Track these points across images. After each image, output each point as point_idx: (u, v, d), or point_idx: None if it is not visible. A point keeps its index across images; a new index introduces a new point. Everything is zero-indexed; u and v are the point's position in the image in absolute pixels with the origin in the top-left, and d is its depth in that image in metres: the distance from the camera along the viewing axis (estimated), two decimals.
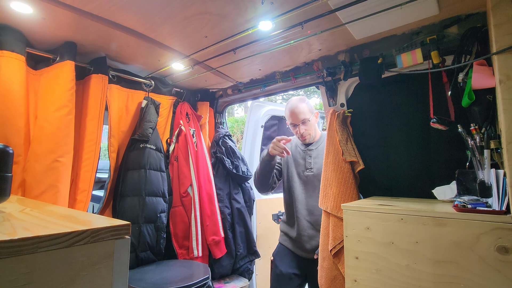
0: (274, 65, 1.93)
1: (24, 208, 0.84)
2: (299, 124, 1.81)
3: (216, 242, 2.09)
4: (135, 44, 1.59)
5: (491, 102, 1.07)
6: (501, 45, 0.92)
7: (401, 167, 1.55)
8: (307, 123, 1.81)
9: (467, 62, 1.17)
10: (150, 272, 1.69)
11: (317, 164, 1.81)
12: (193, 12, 1.28)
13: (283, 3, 1.21)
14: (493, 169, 1.02)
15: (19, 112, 1.40)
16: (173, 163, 2.15)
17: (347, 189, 1.54)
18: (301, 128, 1.81)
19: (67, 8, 1.24)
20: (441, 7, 1.22)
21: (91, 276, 0.56)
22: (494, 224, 0.91)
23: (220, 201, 2.23)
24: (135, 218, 1.81)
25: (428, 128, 1.34)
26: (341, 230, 1.46)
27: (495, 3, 0.94)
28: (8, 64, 1.37)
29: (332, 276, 1.54)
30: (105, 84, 1.73)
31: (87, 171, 1.64)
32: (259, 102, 2.81)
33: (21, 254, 0.48)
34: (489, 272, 0.91)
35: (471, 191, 1.15)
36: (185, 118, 2.23)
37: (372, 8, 1.21)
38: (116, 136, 1.88)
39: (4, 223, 0.61)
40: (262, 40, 1.52)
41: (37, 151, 1.44)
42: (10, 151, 0.74)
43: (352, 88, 1.74)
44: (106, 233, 0.59)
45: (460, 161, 1.25)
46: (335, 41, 1.57)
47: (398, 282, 1.08)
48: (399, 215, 1.10)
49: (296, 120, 1.81)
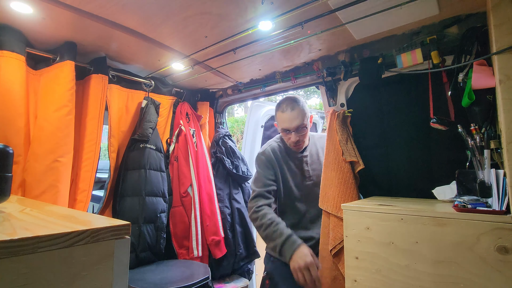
0: (274, 65, 1.93)
1: (24, 208, 0.84)
2: (293, 131, 1.53)
3: (216, 242, 2.09)
4: (135, 44, 1.59)
5: (491, 102, 1.07)
6: (501, 45, 0.92)
7: (401, 167, 1.55)
8: (302, 130, 1.54)
9: (467, 62, 1.17)
10: (150, 272, 1.69)
11: (315, 171, 1.66)
12: (193, 12, 1.28)
13: (283, 3, 1.21)
14: (493, 169, 1.02)
15: (19, 112, 1.40)
16: (173, 163, 2.15)
17: (347, 189, 1.54)
18: (294, 136, 1.53)
19: (67, 8, 1.24)
20: (441, 7, 1.22)
21: (91, 276, 0.56)
22: (494, 224, 0.91)
23: (220, 201, 2.23)
24: (135, 218, 1.80)
25: (428, 128, 1.34)
26: (341, 230, 1.46)
27: (495, 3, 0.94)
28: (8, 64, 1.37)
29: (332, 276, 1.54)
30: (105, 84, 1.73)
31: (87, 171, 1.64)
32: (259, 102, 2.81)
33: (21, 254, 0.48)
34: (489, 272, 0.91)
35: (471, 191, 1.15)
36: (185, 118, 2.23)
37: (372, 8, 1.21)
38: (116, 136, 1.88)
39: (4, 223, 0.61)
40: (262, 40, 1.52)
41: (37, 151, 1.44)
42: (10, 151, 0.74)
43: (352, 88, 1.74)
44: (106, 233, 0.59)
45: (460, 161, 1.25)
46: (335, 41, 1.57)
47: (398, 282, 1.08)
48: (399, 215, 1.10)
49: (290, 126, 1.52)
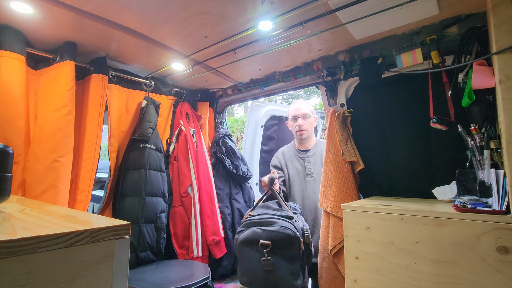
0: (274, 65, 1.93)
1: (24, 208, 0.84)
2: (299, 117, 1.92)
3: (216, 242, 2.09)
4: (135, 44, 1.59)
5: (491, 102, 1.07)
6: (501, 45, 0.92)
7: (401, 167, 1.55)
8: (307, 118, 1.94)
9: (467, 62, 1.17)
10: (150, 272, 1.69)
11: (317, 169, 1.87)
12: (193, 12, 1.28)
13: (283, 3, 1.21)
14: (493, 169, 1.02)
15: (19, 112, 1.40)
16: (173, 163, 2.15)
17: (347, 189, 1.55)
18: (300, 121, 1.92)
19: (67, 8, 1.25)
20: (441, 7, 1.22)
21: (91, 276, 0.56)
22: (494, 224, 0.91)
23: (220, 201, 2.23)
24: (135, 218, 1.80)
25: (428, 128, 1.34)
26: (341, 230, 1.46)
27: (495, 3, 0.94)
28: (8, 64, 1.37)
29: (332, 276, 1.54)
30: (105, 84, 1.73)
31: (87, 171, 1.64)
32: (259, 102, 2.81)
33: (21, 254, 0.48)
34: (489, 272, 0.91)
35: (471, 191, 1.15)
36: (185, 118, 2.23)
37: (372, 8, 1.21)
38: (116, 136, 1.88)
39: (4, 223, 0.61)
40: (262, 40, 1.52)
41: (37, 151, 1.43)
42: (10, 151, 0.74)
43: (352, 88, 1.74)
44: (106, 233, 0.59)
45: (460, 161, 1.25)
46: (335, 41, 1.57)
47: (398, 282, 1.08)
48: (399, 215, 1.10)
49: (298, 112, 1.93)
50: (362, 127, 1.68)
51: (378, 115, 1.63)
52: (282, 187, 1.92)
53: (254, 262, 1.41)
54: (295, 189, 1.89)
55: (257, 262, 1.39)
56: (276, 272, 1.38)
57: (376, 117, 1.64)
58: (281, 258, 1.38)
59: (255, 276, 1.43)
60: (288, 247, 1.38)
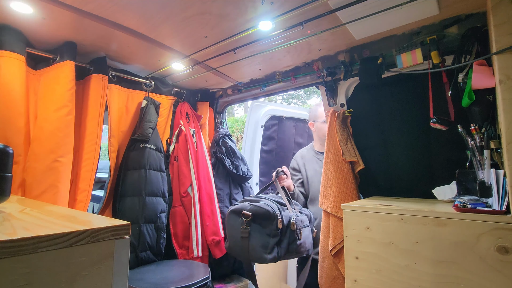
0: (274, 65, 1.93)
1: (24, 208, 0.84)
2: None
3: (216, 242, 2.09)
4: (135, 44, 1.59)
5: (491, 102, 1.07)
6: (501, 45, 0.92)
7: (401, 167, 1.55)
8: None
9: (467, 62, 1.17)
10: (150, 272, 1.69)
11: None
12: (193, 12, 1.28)
13: (283, 3, 1.21)
14: (493, 169, 1.02)
15: (19, 112, 1.40)
16: (173, 163, 2.15)
17: (347, 189, 1.55)
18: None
19: (67, 8, 1.24)
20: (441, 7, 1.22)
21: (91, 276, 0.56)
22: (494, 224, 0.91)
23: (220, 201, 2.23)
24: (135, 218, 1.81)
25: (428, 128, 1.34)
26: (341, 230, 1.46)
27: (495, 3, 0.94)
28: (8, 64, 1.37)
29: (332, 276, 1.54)
30: (105, 84, 1.73)
31: (87, 171, 1.64)
32: (259, 102, 2.81)
33: (21, 254, 0.48)
34: (489, 272, 0.91)
35: (471, 191, 1.15)
36: (185, 118, 2.23)
37: (372, 8, 1.21)
38: (116, 136, 1.88)
39: (4, 223, 0.61)
40: (262, 40, 1.52)
41: (37, 151, 1.43)
42: (10, 151, 0.74)
43: (352, 88, 1.74)
44: (106, 233, 0.59)
45: (460, 161, 1.25)
46: (335, 41, 1.57)
47: (398, 282, 1.08)
48: (399, 215, 1.10)
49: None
50: (362, 127, 1.68)
51: (378, 115, 1.63)
52: (299, 188, 2.01)
53: (235, 228, 1.65)
54: (314, 190, 1.93)
55: (238, 228, 1.62)
56: (251, 240, 1.57)
57: (376, 117, 1.64)
58: (257, 231, 1.59)
59: (234, 241, 1.65)
60: (266, 222, 1.57)
